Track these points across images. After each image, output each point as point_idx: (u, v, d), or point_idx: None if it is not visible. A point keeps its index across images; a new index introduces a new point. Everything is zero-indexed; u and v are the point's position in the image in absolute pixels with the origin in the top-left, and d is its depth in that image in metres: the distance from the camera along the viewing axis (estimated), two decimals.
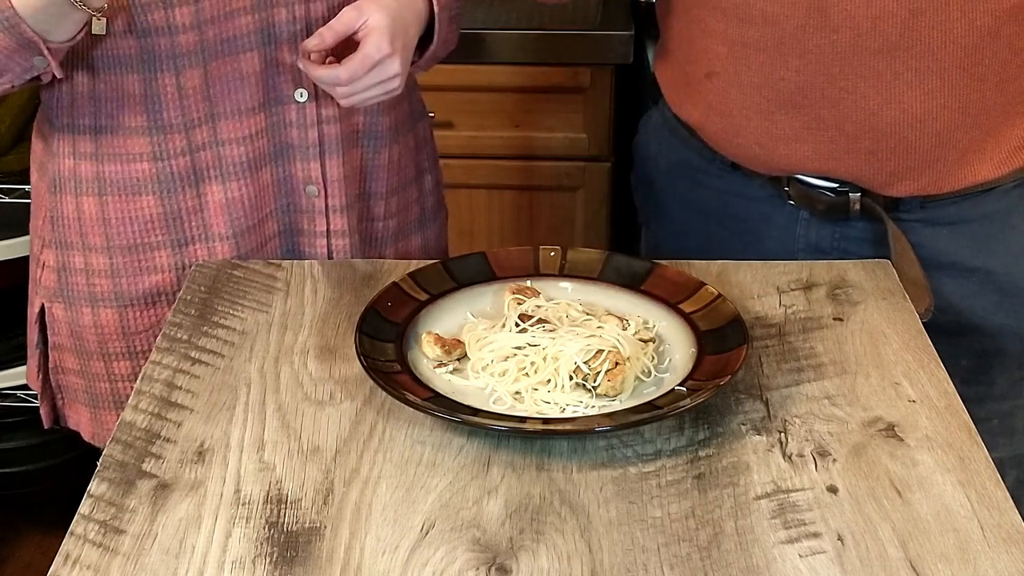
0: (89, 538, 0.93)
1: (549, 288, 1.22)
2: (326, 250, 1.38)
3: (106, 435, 1.42)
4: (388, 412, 1.07)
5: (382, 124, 1.39)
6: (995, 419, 1.40)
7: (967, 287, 1.35)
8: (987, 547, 0.91)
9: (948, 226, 1.34)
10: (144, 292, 1.35)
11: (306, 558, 0.91)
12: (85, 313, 1.37)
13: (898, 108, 1.26)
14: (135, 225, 1.33)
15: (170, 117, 1.29)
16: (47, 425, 1.48)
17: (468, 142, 2.21)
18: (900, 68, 1.24)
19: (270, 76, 1.31)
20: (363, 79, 1.25)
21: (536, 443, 1.03)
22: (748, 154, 1.37)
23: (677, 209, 1.50)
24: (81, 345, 1.39)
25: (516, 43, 2.15)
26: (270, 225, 1.36)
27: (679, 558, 0.91)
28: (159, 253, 1.34)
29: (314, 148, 1.34)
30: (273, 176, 1.35)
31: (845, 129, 1.29)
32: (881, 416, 1.06)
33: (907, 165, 1.29)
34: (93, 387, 1.41)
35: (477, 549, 0.92)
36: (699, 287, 1.19)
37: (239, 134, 1.31)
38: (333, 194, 1.36)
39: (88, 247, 1.35)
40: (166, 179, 1.31)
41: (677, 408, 1.03)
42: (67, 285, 1.38)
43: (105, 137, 1.31)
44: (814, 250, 1.38)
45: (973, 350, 1.37)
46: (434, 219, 1.54)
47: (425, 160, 1.51)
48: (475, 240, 2.28)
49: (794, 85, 1.28)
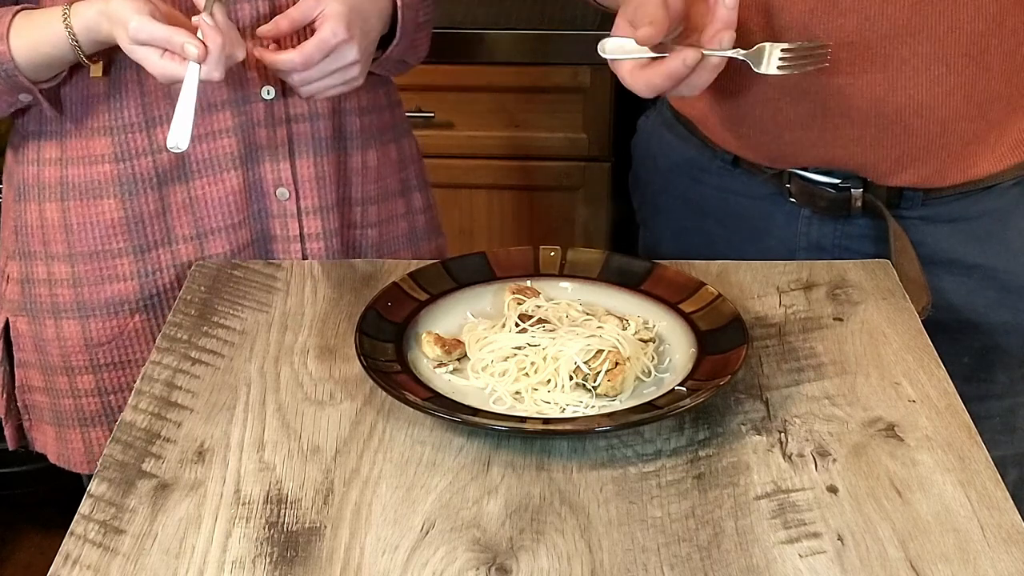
0: (89, 538, 0.93)
1: (549, 288, 1.22)
2: (300, 255, 1.36)
3: (71, 455, 1.40)
4: (388, 412, 1.07)
5: (355, 125, 1.37)
6: (996, 417, 1.40)
7: (968, 284, 1.35)
8: (987, 547, 0.91)
9: (949, 223, 1.34)
10: (106, 301, 1.34)
11: (306, 558, 0.91)
12: (48, 325, 1.35)
13: (904, 94, 1.26)
14: (96, 230, 1.32)
15: (131, 115, 1.29)
16: (12, 447, 1.45)
17: (468, 142, 2.21)
18: (907, 54, 1.24)
19: (235, 73, 1.29)
20: (320, 65, 1.23)
21: (536, 443, 1.03)
22: (753, 143, 1.36)
23: (677, 208, 1.50)
24: (45, 360, 1.37)
25: (516, 43, 2.14)
26: (243, 234, 1.34)
27: (679, 558, 0.91)
28: (120, 261, 1.33)
29: (283, 147, 1.32)
30: (244, 180, 1.32)
31: (851, 116, 1.28)
32: (881, 416, 1.06)
33: (911, 153, 1.29)
34: (57, 404, 1.39)
35: (477, 549, 0.92)
36: (699, 287, 1.19)
37: (202, 131, 1.29)
38: (305, 195, 1.34)
39: (51, 256, 1.34)
40: (127, 181, 1.30)
41: (677, 408, 1.03)
42: (30, 297, 1.36)
43: (69, 141, 1.31)
44: (815, 248, 1.38)
45: (974, 348, 1.37)
46: (428, 239, 1.51)
47: (413, 178, 1.49)
48: (475, 240, 2.28)
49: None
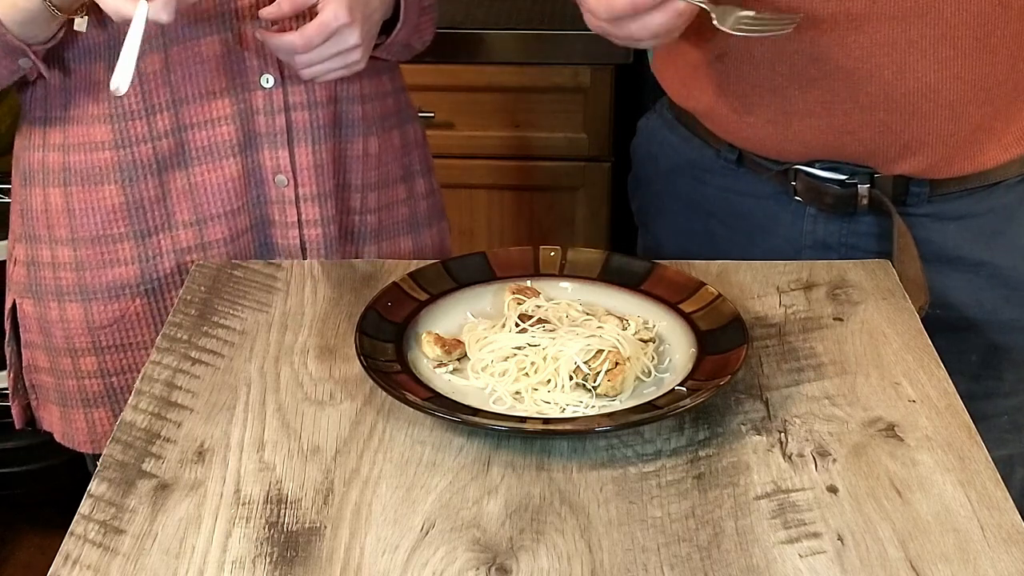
0: (89, 538, 0.93)
1: (549, 288, 1.22)
2: (299, 241, 1.37)
3: (75, 434, 1.42)
4: (388, 412, 1.07)
5: (355, 112, 1.38)
6: (1004, 415, 1.40)
7: (975, 282, 1.35)
8: (987, 547, 0.91)
9: (955, 220, 1.34)
10: (108, 285, 1.35)
11: (306, 558, 0.91)
12: (52, 308, 1.37)
13: (912, 78, 1.26)
14: (98, 216, 1.33)
15: (131, 103, 1.29)
16: (19, 426, 1.47)
17: (468, 142, 2.21)
18: (915, 36, 1.24)
19: (234, 61, 1.30)
20: (321, 48, 1.23)
21: (536, 443, 1.03)
22: (759, 135, 1.36)
23: (679, 209, 1.49)
24: (49, 341, 1.39)
25: (516, 43, 2.15)
26: (242, 219, 1.35)
27: (679, 558, 0.91)
28: (122, 245, 1.34)
29: (282, 135, 1.33)
30: (243, 167, 1.33)
31: (859, 100, 1.28)
32: (881, 416, 1.06)
33: (919, 138, 1.29)
34: (62, 385, 1.41)
35: (477, 549, 0.92)
36: (699, 287, 1.19)
37: (201, 119, 1.30)
38: (303, 183, 1.35)
39: (54, 240, 1.35)
40: (127, 167, 1.31)
41: (677, 408, 1.03)
42: (35, 280, 1.38)
43: (72, 127, 1.32)
44: (821, 247, 1.38)
45: (981, 346, 1.37)
46: (429, 225, 1.52)
47: (416, 164, 1.50)
48: (475, 240, 2.28)
49: (808, 57, 1.27)
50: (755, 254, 1.33)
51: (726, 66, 1.34)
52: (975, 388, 1.29)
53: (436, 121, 2.16)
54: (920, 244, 1.32)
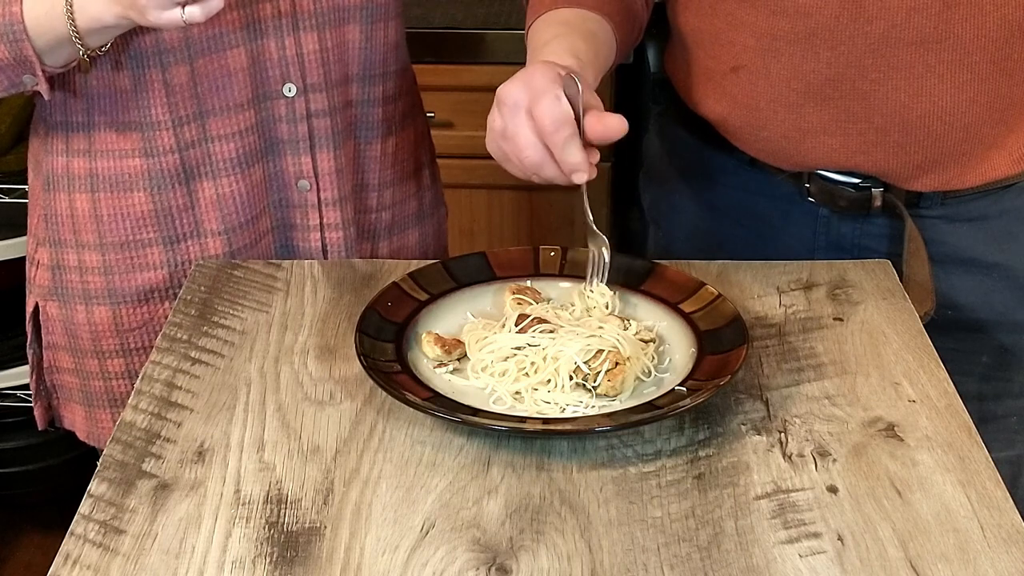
0: (89, 538, 0.93)
1: (549, 288, 1.22)
2: (320, 244, 1.38)
3: (101, 433, 1.43)
4: (388, 412, 1.07)
5: (375, 115, 1.39)
6: (1014, 416, 1.40)
7: (987, 283, 1.35)
8: (987, 547, 0.91)
9: (968, 222, 1.34)
10: (137, 289, 1.36)
11: (306, 558, 0.91)
12: (79, 311, 1.37)
13: (928, 101, 1.26)
14: (127, 222, 1.34)
15: (158, 114, 1.29)
16: (41, 426, 1.48)
17: (468, 142, 2.20)
18: (932, 61, 1.24)
19: (258, 71, 1.31)
20: None
21: (536, 443, 1.03)
22: (773, 148, 1.36)
23: (691, 208, 1.48)
24: (75, 343, 1.39)
25: (516, 43, 2.14)
26: (264, 222, 1.37)
27: (679, 558, 0.91)
28: (151, 250, 1.35)
29: (304, 142, 1.34)
30: (264, 172, 1.35)
31: (874, 122, 1.28)
32: (881, 416, 1.06)
33: (933, 159, 1.29)
34: (87, 385, 1.41)
35: (477, 549, 0.92)
36: (699, 287, 1.19)
37: (228, 130, 1.31)
38: (325, 187, 1.37)
39: (81, 244, 1.35)
40: (156, 176, 1.32)
41: (677, 408, 1.03)
42: (61, 283, 1.38)
43: (98, 134, 1.32)
44: (833, 248, 1.37)
45: (992, 347, 1.37)
46: (432, 215, 1.54)
47: (424, 155, 1.52)
48: (475, 240, 2.28)
49: (824, 77, 1.27)
50: (767, 254, 1.32)
51: (742, 79, 1.33)
52: (985, 389, 1.29)
53: (436, 121, 2.16)
54: (933, 245, 1.32)
